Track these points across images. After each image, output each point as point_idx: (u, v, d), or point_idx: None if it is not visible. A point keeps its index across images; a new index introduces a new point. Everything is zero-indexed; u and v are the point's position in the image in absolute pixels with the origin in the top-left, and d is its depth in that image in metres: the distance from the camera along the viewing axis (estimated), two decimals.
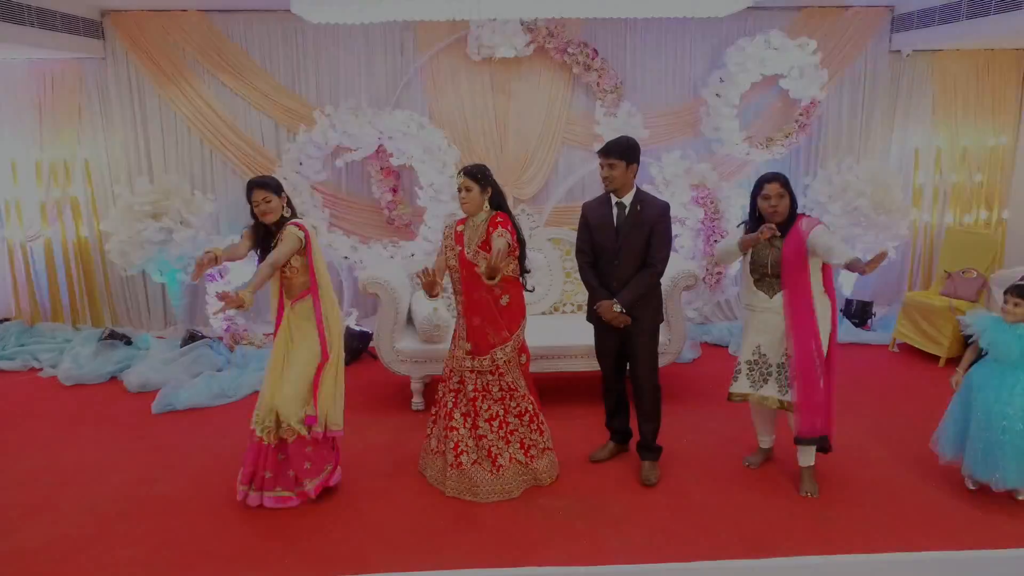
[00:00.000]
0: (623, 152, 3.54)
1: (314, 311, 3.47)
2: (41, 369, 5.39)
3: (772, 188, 3.45)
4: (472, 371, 3.52)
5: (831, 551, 3.10)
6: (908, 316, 5.53)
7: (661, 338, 4.53)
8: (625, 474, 3.82)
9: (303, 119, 5.73)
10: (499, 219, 3.46)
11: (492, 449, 3.54)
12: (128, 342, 5.66)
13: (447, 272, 3.63)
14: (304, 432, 3.43)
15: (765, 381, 3.57)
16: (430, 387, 4.86)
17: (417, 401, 4.65)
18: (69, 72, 5.78)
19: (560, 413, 4.48)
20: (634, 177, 3.61)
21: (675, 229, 5.87)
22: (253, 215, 3.49)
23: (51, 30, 5.08)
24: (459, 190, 3.50)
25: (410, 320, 4.76)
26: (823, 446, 3.63)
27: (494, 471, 3.54)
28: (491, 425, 3.55)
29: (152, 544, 3.24)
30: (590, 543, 3.21)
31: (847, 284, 6.27)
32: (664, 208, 3.62)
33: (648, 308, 3.67)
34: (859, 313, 6.07)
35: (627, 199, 3.61)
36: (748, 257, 3.56)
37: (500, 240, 3.29)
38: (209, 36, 5.71)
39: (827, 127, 6.16)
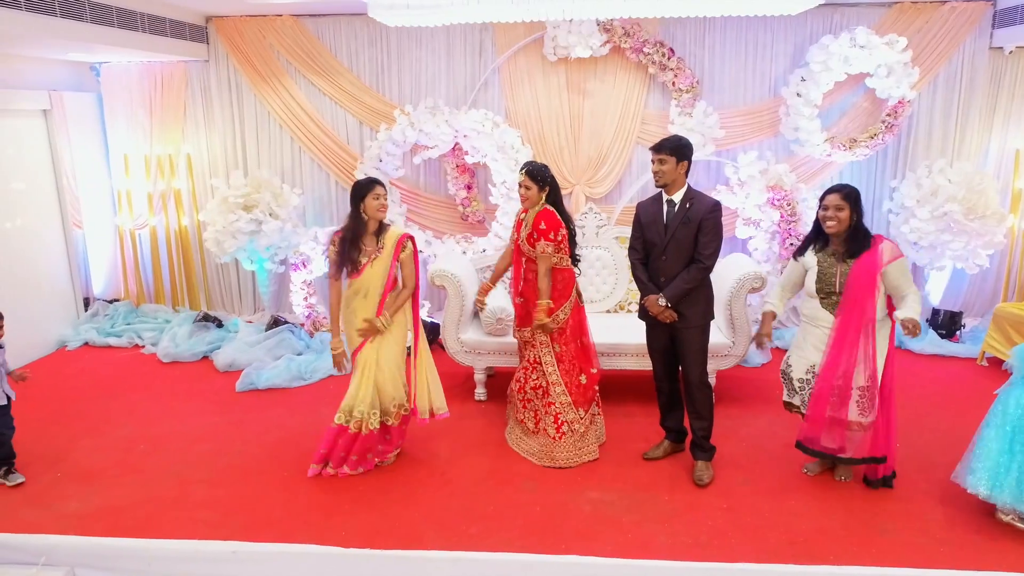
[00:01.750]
0: (673, 149, 3.60)
1: (412, 307, 3.82)
2: (143, 346, 5.88)
3: (830, 199, 3.40)
4: (520, 341, 3.93)
5: (882, 564, 3.01)
6: (999, 328, 5.21)
7: (725, 339, 4.53)
8: (679, 472, 3.82)
9: (385, 118, 5.98)
10: (543, 222, 3.73)
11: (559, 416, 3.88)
12: (219, 324, 6.09)
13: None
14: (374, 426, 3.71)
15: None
16: (493, 379, 5.00)
17: (480, 392, 4.79)
18: (176, 73, 6.26)
19: (619, 411, 4.52)
20: (685, 175, 3.65)
21: (749, 231, 5.79)
22: (356, 214, 3.63)
23: (161, 35, 5.53)
24: (519, 186, 3.80)
25: (476, 314, 4.90)
26: (884, 480, 3.62)
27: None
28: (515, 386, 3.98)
29: (226, 509, 3.52)
30: (636, 537, 3.25)
31: (935, 293, 5.97)
32: (713, 205, 3.64)
33: (696, 305, 3.68)
34: (947, 324, 5.77)
35: (677, 196, 3.66)
36: (813, 274, 3.50)
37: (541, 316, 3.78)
38: (300, 39, 6.06)
39: (917, 128, 5.88)
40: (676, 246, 3.63)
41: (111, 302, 6.48)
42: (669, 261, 3.65)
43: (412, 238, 3.77)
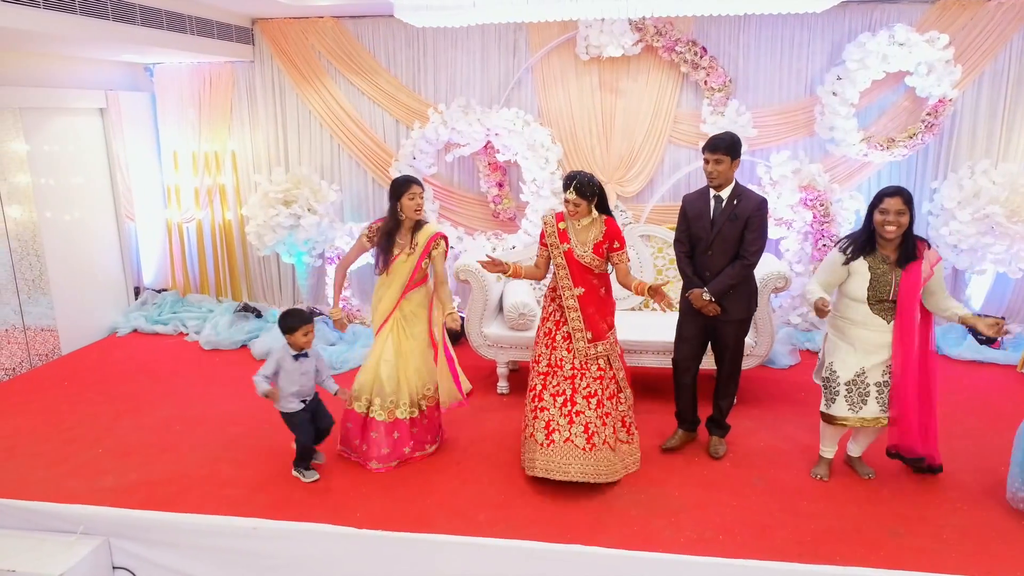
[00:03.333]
0: (729, 148, 3.66)
1: (428, 304, 3.91)
2: (187, 334, 6.16)
3: (892, 203, 3.29)
4: (593, 357, 3.69)
5: (888, 567, 2.98)
6: None
7: (748, 339, 4.51)
8: (690, 469, 3.84)
9: (421, 116, 6.12)
10: (616, 233, 3.69)
11: (589, 426, 3.67)
12: (258, 315, 6.33)
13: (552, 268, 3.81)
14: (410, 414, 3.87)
15: (864, 402, 3.49)
16: (515, 373, 5.08)
17: (502, 385, 4.88)
18: (224, 74, 6.53)
19: (638, 407, 4.50)
20: (734, 172, 3.72)
21: (780, 232, 5.73)
22: (393, 211, 3.77)
23: (209, 37, 5.79)
24: (567, 202, 3.64)
25: (501, 309, 4.99)
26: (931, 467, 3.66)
27: (587, 448, 3.63)
28: (588, 403, 3.67)
29: (251, 487, 3.70)
30: (640, 530, 3.29)
31: (976, 298, 5.80)
32: (761, 202, 3.70)
33: (738, 299, 3.77)
34: None
35: (725, 193, 3.73)
36: (862, 280, 3.40)
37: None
38: (341, 40, 6.25)
39: (961, 127, 5.71)
40: (722, 242, 3.71)
41: (159, 292, 6.80)
42: (715, 256, 3.73)
43: (445, 237, 3.86)
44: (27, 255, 5.42)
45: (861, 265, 3.40)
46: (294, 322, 3.58)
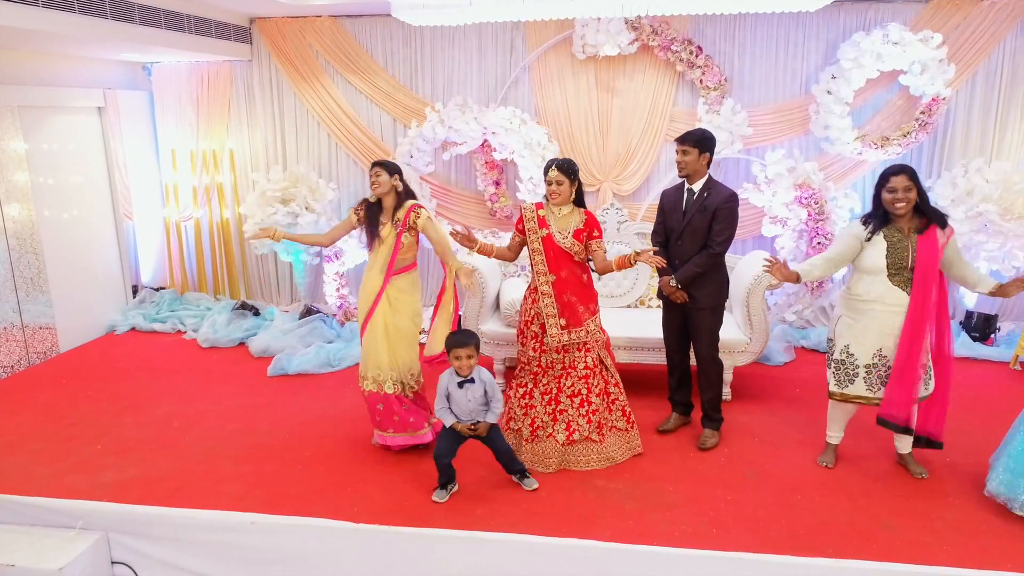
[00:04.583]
0: (697, 141, 3.82)
1: (415, 293, 3.97)
2: (185, 332, 6.17)
3: (899, 181, 3.38)
4: (565, 347, 3.76)
5: (882, 559, 3.01)
6: None
7: (742, 336, 4.57)
8: (686, 465, 3.87)
9: (419, 115, 6.15)
10: (594, 222, 3.76)
11: (571, 424, 3.79)
12: (256, 313, 6.35)
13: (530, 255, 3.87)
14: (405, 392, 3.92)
15: (882, 384, 3.54)
16: (512, 369, 5.10)
17: (499, 382, 4.90)
18: (222, 73, 6.55)
19: (636, 403, 4.51)
20: (707, 166, 3.87)
21: (776, 229, 5.77)
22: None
23: (207, 36, 5.81)
24: (549, 183, 3.73)
25: (498, 306, 5.01)
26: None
27: (566, 443, 3.79)
28: (572, 402, 3.79)
29: (249, 483, 3.72)
30: (636, 524, 3.32)
31: (969, 295, 5.83)
32: (729, 195, 3.85)
33: (708, 287, 3.92)
34: (980, 327, 5.63)
35: (697, 186, 3.88)
36: (879, 250, 3.43)
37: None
38: (338, 39, 6.27)
39: (955, 126, 5.76)
40: (692, 232, 3.88)
41: (157, 290, 6.81)
42: (684, 246, 3.91)
43: (422, 206, 3.92)
44: (26, 253, 5.44)
45: (876, 237, 3.45)
46: (447, 343, 3.44)
